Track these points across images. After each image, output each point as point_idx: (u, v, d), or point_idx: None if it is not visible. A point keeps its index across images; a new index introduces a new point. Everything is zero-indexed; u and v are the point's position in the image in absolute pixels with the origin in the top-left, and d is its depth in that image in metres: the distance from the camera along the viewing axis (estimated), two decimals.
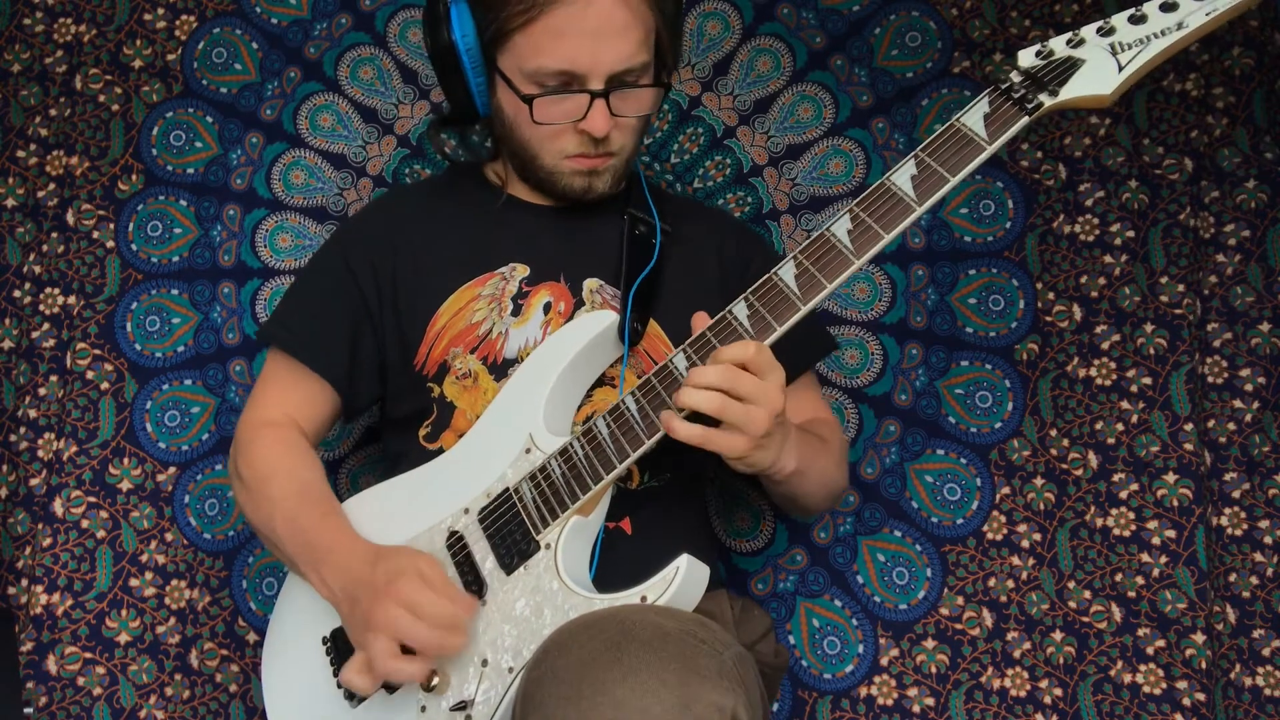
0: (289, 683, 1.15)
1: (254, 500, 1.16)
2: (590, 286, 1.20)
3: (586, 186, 1.18)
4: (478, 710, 1.00)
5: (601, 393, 1.16)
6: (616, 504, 1.10)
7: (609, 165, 1.16)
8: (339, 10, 1.54)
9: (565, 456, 1.05)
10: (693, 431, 0.98)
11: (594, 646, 0.88)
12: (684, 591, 0.97)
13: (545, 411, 1.09)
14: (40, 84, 1.53)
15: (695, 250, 1.25)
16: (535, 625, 1.00)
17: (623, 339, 1.13)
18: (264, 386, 1.24)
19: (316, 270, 1.27)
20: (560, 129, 1.12)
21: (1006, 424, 1.45)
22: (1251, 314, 1.42)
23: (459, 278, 1.19)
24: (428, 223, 1.24)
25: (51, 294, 1.51)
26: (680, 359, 1.03)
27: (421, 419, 1.19)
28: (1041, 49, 1.00)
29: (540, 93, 1.10)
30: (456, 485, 1.11)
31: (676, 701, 0.82)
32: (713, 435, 0.99)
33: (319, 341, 1.21)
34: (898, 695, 1.43)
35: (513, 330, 1.17)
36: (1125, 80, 0.95)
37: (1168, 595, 1.38)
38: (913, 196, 0.98)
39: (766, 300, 1.01)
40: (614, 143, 1.14)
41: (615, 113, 1.10)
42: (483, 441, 1.12)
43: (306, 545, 1.10)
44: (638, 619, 0.91)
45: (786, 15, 1.51)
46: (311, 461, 1.18)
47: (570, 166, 1.16)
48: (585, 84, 1.09)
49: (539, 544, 1.04)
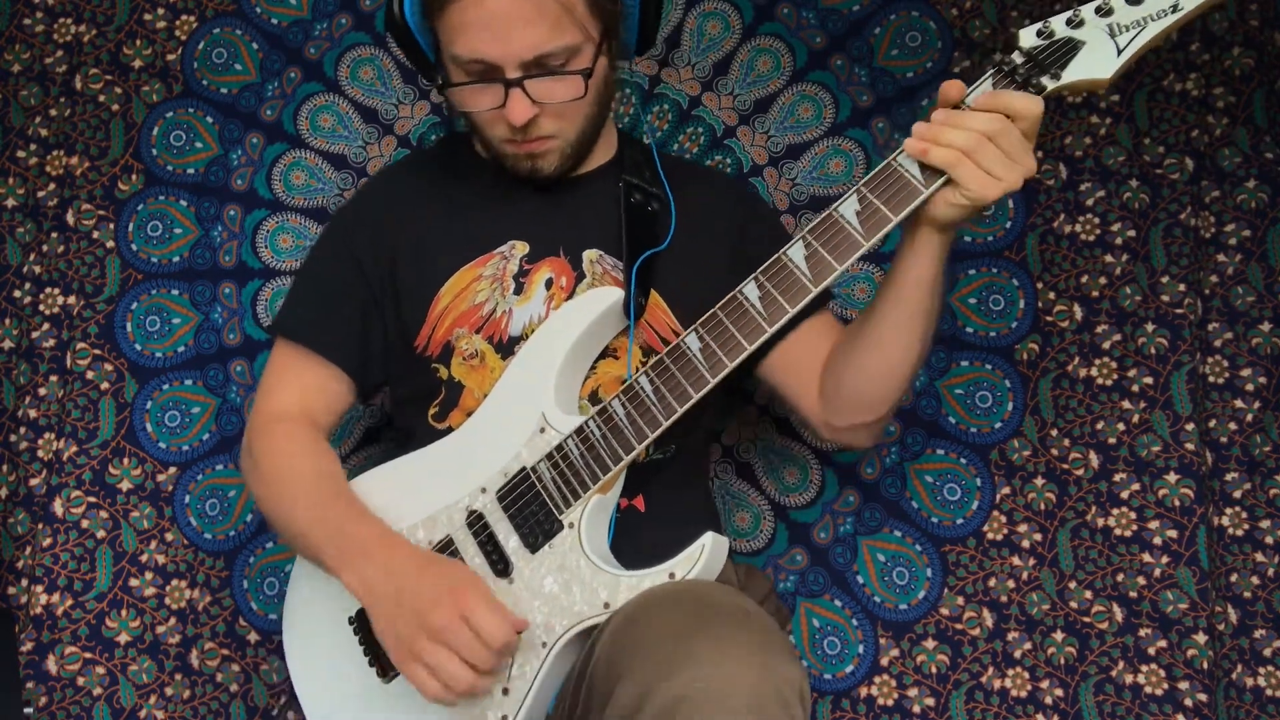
0: (316, 662, 1.16)
1: (273, 494, 1.15)
2: (590, 257, 1.19)
3: (532, 169, 1.15)
4: (515, 685, 1.03)
5: (605, 364, 1.16)
6: (627, 479, 1.11)
7: (549, 148, 1.14)
8: (339, 10, 1.54)
9: (582, 436, 1.06)
10: (948, 155, 0.96)
11: (680, 616, 0.91)
12: (709, 568, 1.00)
13: (555, 390, 1.10)
14: (40, 84, 1.53)
15: (696, 216, 1.22)
16: (565, 601, 1.03)
17: (627, 314, 1.13)
18: (277, 376, 1.23)
19: (320, 258, 1.26)
20: (490, 115, 1.11)
21: (1007, 424, 1.45)
22: (1252, 314, 1.42)
23: (459, 260, 1.19)
24: (424, 203, 1.23)
25: (51, 294, 1.51)
26: (693, 339, 1.04)
27: (430, 398, 1.19)
28: (1043, 28, 0.98)
29: (458, 82, 1.09)
30: (470, 464, 1.12)
31: (761, 670, 0.86)
32: (966, 165, 0.95)
33: (330, 329, 1.21)
34: (898, 695, 1.43)
35: (516, 309, 1.17)
36: (1124, 64, 0.95)
37: (1169, 595, 1.38)
38: (920, 179, 0.98)
39: (778, 281, 1.01)
40: (545, 128, 1.11)
41: (538, 100, 1.07)
42: (493, 420, 1.13)
43: (338, 543, 1.08)
44: (714, 594, 0.95)
45: (787, 15, 1.51)
46: (327, 452, 1.18)
47: (510, 149, 1.14)
48: (501, 73, 1.06)
49: (562, 523, 1.05)
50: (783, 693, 0.86)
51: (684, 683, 0.85)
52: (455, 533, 1.10)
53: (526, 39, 1.04)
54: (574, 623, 1.02)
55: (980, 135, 0.95)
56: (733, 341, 1.02)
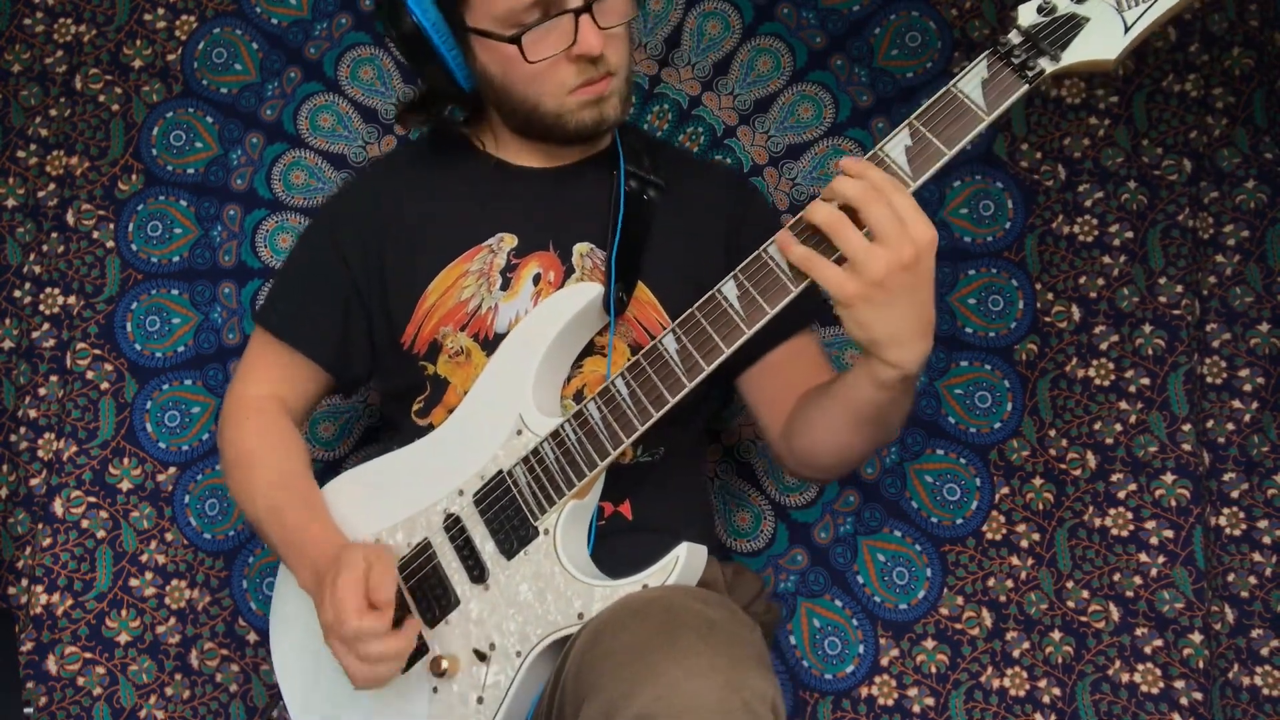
0: (299, 665, 1.16)
1: (238, 485, 1.19)
2: (580, 251, 1.16)
3: (599, 117, 1.11)
4: (489, 694, 1.02)
5: (591, 362, 1.13)
6: (612, 483, 1.08)
7: (612, 88, 1.11)
8: (339, 10, 1.54)
9: (558, 440, 1.04)
10: (799, 252, 0.91)
11: (645, 630, 0.90)
12: (683, 579, 0.98)
13: (534, 390, 1.07)
14: (40, 84, 1.53)
15: (690, 207, 1.19)
16: (539, 610, 1.01)
17: (608, 310, 1.09)
18: (254, 361, 1.24)
19: (304, 250, 1.25)
20: (554, 63, 1.07)
21: (1006, 424, 1.45)
22: (1251, 314, 1.42)
23: (446, 256, 1.16)
24: (413, 196, 1.20)
25: (51, 294, 1.51)
26: (670, 340, 1.00)
27: (414, 394, 1.17)
28: (1044, 4, 0.92)
29: (522, 30, 1.05)
30: (448, 465, 1.10)
31: (725, 684, 0.84)
32: (817, 261, 0.90)
33: (308, 324, 1.20)
34: (898, 695, 1.43)
35: (502, 304, 1.14)
36: (1131, 42, 0.88)
37: (1165, 595, 1.39)
38: (907, 171, 0.92)
39: (757, 280, 0.96)
40: (611, 60, 1.09)
41: (602, 26, 1.05)
42: (472, 420, 1.11)
43: (286, 541, 1.13)
44: (684, 605, 0.93)
45: (786, 15, 1.51)
46: (294, 447, 1.19)
47: (575, 100, 1.10)
48: (563, 5, 1.04)
49: (538, 529, 1.03)
50: (751, 706, 0.84)
51: (647, 700, 0.83)
52: (433, 536, 1.09)
53: None
54: (548, 632, 1.00)
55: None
56: (710, 344, 0.98)
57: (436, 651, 1.06)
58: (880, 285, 0.87)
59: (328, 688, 1.12)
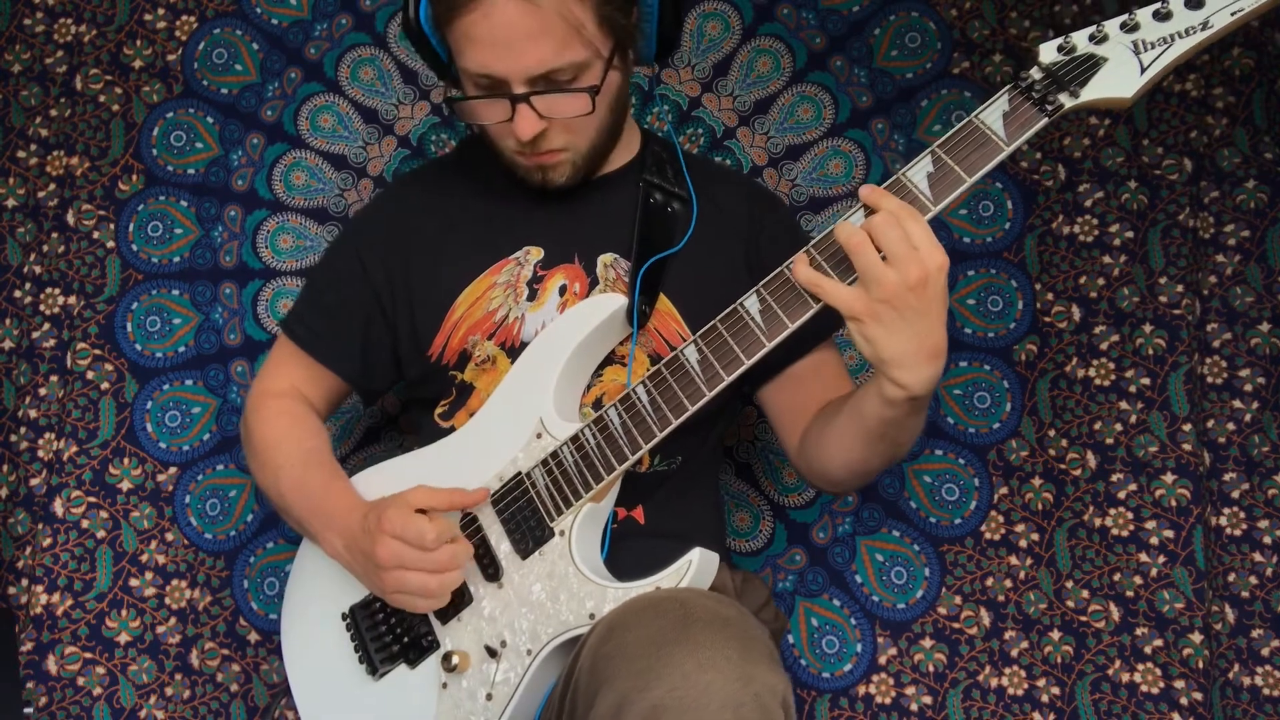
0: (310, 658, 1.17)
1: (263, 467, 1.20)
2: (605, 261, 1.17)
3: (542, 180, 1.14)
4: (498, 691, 1.03)
5: (611, 371, 1.16)
6: (628, 489, 1.11)
7: (560, 160, 1.12)
8: (339, 11, 1.54)
9: (577, 444, 1.06)
10: (806, 275, 0.95)
11: (660, 625, 0.91)
12: (696, 583, 1.00)
13: (554, 396, 1.09)
14: (40, 84, 1.53)
15: (712, 219, 1.20)
16: (551, 610, 1.03)
17: (631, 321, 1.12)
18: (278, 364, 1.26)
19: (331, 263, 1.27)
20: (500, 128, 1.10)
21: (1005, 424, 1.45)
22: (1251, 314, 1.42)
23: (474, 269, 1.19)
24: (441, 210, 1.23)
25: (52, 294, 1.51)
26: (691, 350, 1.02)
27: (439, 399, 1.20)
28: (1064, 44, 0.95)
29: (468, 96, 1.09)
30: (468, 466, 1.12)
31: (738, 677, 0.86)
32: (824, 282, 0.94)
33: (331, 338, 1.22)
34: (896, 694, 1.43)
35: (529, 314, 1.17)
36: (1148, 82, 0.91)
37: (1165, 595, 1.39)
38: (928, 196, 0.94)
39: (779, 295, 0.99)
40: (555, 141, 1.10)
41: (545, 115, 1.06)
42: (493, 423, 1.13)
43: (314, 510, 1.14)
44: (697, 601, 0.94)
45: (786, 16, 1.51)
46: (317, 429, 1.22)
47: (521, 161, 1.13)
48: (507, 88, 1.05)
49: (553, 531, 1.05)
50: (762, 699, 0.85)
51: (662, 692, 0.85)
52: None
53: (533, 55, 1.03)
54: (559, 631, 1.01)
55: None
56: (730, 355, 1.00)
57: (448, 647, 1.07)
58: (888, 303, 0.90)
59: (341, 680, 1.13)
